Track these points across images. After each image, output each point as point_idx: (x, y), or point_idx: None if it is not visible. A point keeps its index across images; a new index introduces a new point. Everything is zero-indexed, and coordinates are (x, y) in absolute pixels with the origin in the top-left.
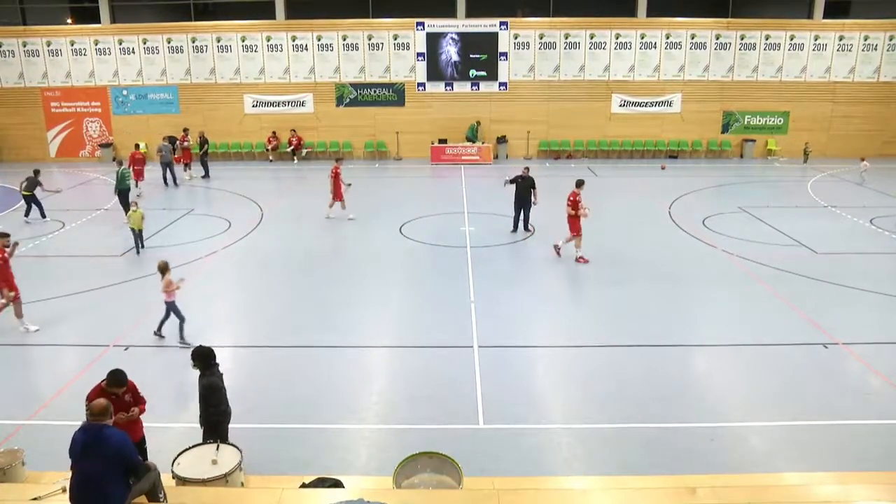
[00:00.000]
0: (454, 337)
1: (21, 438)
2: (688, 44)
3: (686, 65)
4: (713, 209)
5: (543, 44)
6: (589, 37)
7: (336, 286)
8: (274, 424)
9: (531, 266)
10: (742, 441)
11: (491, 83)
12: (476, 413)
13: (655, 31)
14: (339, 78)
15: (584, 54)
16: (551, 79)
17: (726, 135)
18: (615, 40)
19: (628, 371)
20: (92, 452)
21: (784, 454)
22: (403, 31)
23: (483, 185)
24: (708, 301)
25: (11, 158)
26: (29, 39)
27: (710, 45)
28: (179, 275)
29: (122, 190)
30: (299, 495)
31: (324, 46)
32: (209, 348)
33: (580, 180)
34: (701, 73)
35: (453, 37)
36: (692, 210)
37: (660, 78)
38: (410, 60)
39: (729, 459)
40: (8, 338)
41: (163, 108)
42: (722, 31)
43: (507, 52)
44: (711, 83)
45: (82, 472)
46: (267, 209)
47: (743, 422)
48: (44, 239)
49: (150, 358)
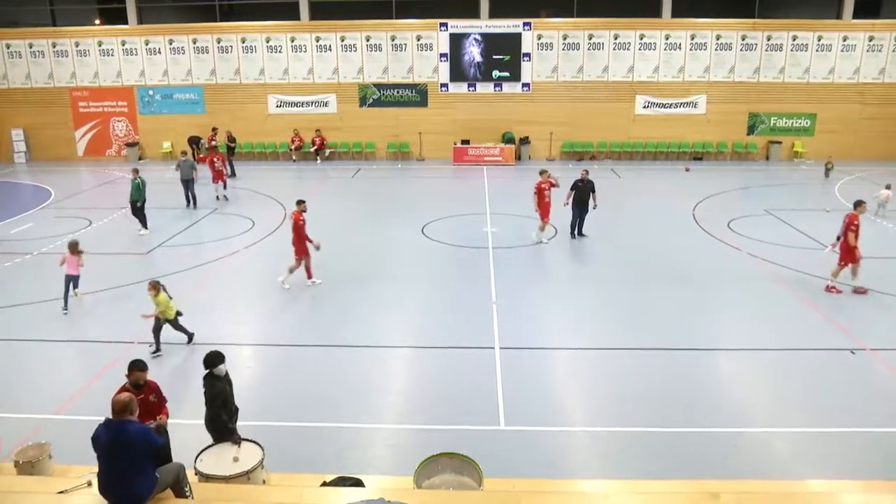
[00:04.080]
0: (476, 338)
1: (48, 432)
2: (713, 44)
3: (711, 66)
4: (738, 211)
5: (567, 44)
6: (613, 37)
7: (357, 286)
8: (295, 423)
9: (553, 267)
10: (765, 446)
11: (514, 84)
12: (497, 414)
13: (680, 32)
14: (362, 78)
15: (608, 55)
16: (575, 80)
17: (752, 136)
18: (639, 41)
19: (650, 374)
20: (116, 448)
21: (808, 461)
22: (427, 31)
23: (505, 186)
24: (732, 304)
25: (41, 157)
26: (58, 40)
27: (736, 46)
28: (205, 272)
29: (131, 201)
30: (320, 493)
31: (347, 47)
32: (215, 354)
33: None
34: (726, 74)
35: (476, 37)
36: (717, 212)
37: (684, 79)
38: (433, 61)
39: (752, 465)
40: (35, 334)
41: (188, 108)
42: (748, 31)
43: (531, 52)
44: (737, 84)
45: (109, 467)
46: (290, 209)
47: (766, 427)
48: (70, 237)
49: (174, 355)
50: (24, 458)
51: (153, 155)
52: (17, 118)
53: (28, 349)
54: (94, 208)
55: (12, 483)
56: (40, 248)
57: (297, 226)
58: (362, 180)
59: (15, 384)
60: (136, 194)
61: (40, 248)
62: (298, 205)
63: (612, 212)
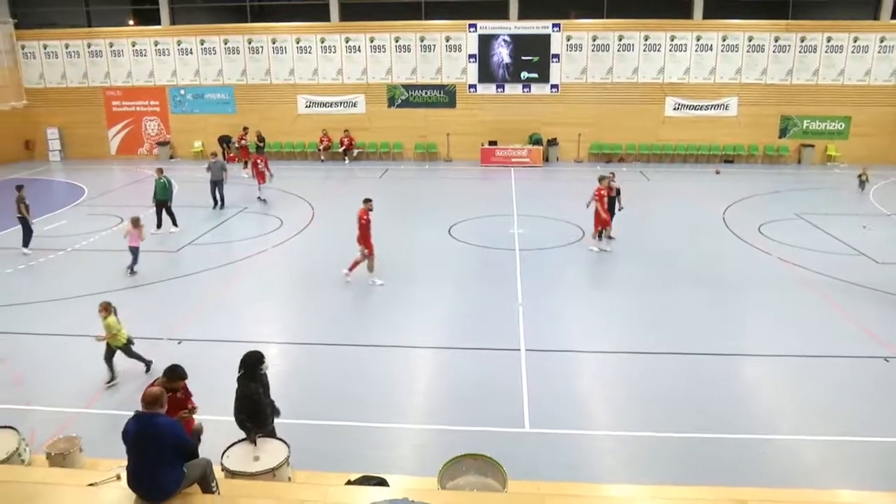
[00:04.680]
0: (501, 339)
1: (78, 426)
2: (745, 46)
3: (743, 67)
4: (769, 215)
5: (596, 45)
6: (643, 38)
7: (384, 286)
8: (321, 421)
9: (580, 270)
10: (793, 455)
11: (542, 85)
12: (522, 416)
13: (711, 33)
14: (391, 79)
15: (638, 56)
16: (604, 81)
17: (784, 139)
18: (670, 42)
19: (677, 378)
20: (145, 441)
21: (838, 470)
22: (455, 32)
23: (533, 187)
24: (762, 309)
25: (75, 155)
26: (93, 41)
27: (769, 48)
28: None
29: (160, 201)
30: (345, 492)
31: (376, 48)
32: (256, 354)
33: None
34: (758, 76)
35: (505, 38)
36: (747, 216)
37: (715, 81)
38: (462, 62)
39: (779, 473)
40: (66, 328)
41: (219, 107)
42: (781, 33)
43: (560, 53)
44: (769, 86)
45: (138, 460)
46: (318, 208)
47: (795, 435)
48: (103, 234)
49: (203, 351)
50: (56, 451)
51: (184, 154)
52: (52, 117)
53: (60, 343)
54: (126, 206)
55: (45, 475)
56: (73, 244)
57: (362, 224)
58: (390, 181)
59: (47, 378)
60: (163, 193)
61: (73, 244)
62: (365, 203)
63: (640, 215)
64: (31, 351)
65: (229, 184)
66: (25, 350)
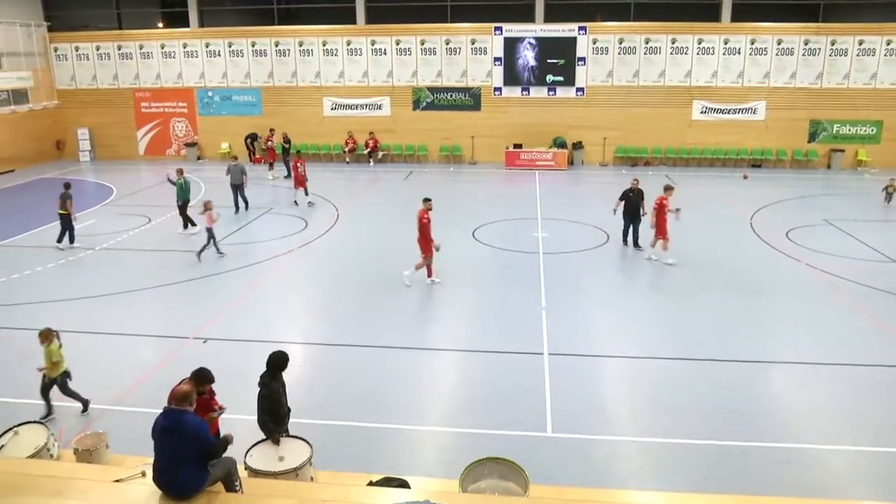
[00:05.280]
0: (524, 343)
1: (105, 423)
2: (774, 49)
3: (772, 71)
4: (797, 221)
5: (623, 49)
6: (670, 41)
7: (407, 288)
8: (343, 422)
9: (604, 274)
10: (820, 465)
11: (568, 88)
12: (544, 420)
13: (740, 37)
14: (416, 82)
15: (665, 59)
16: (630, 84)
17: (813, 144)
18: (697, 45)
19: (702, 385)
20: (171, 436)
21: (866, 481)
22: (481, 35)
23: (557, 191)
24: (789, 316)
25: (104, 156)
26: (123, 43)
27: (798, 51)
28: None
29: (184, 201)
30: (367, 493)
31: (402, 51)
32: (282, 355)
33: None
34: (787, 79)
35: (531, 41)
36: (775, 221)
37: (743, 84)
38: (487, 65)
39: (806, 483)
40: (94, 326)
41: (246, 109)
42: (811, 36)
43: (585, 57)
44: (798, 90)
45: (163, 455)
46: (342, 210)
47: (821, 444)
48: (130, 233)
49: (228, 351)
50: (83, 447)
51: (211, 155)
52: (83, 118)
53: (89, 341)
54: (154, 206)
55: (72, 470)
56: (102, 243)
57: (422, 224)
58: (414, 183)
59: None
60: (181, 194)
61: (102, 243)
62: (424, 203)
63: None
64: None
65: (256, 185)
66: None
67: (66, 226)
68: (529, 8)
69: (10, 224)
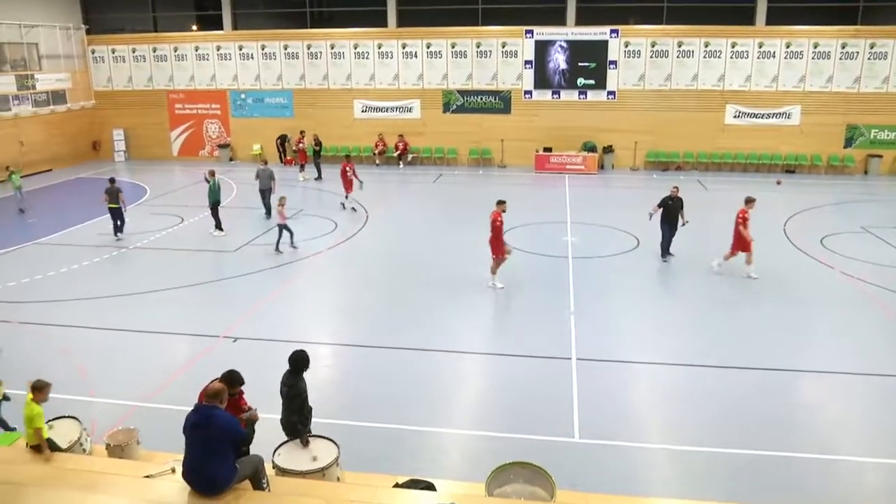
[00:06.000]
0: (552, 347)
1: (136, 419)
2: (810, 53)
3: (807, 75)
4: (832, 228)
5: (655, 52)
6: (703, 45)
7: (435, 290)
8: (369, 422)
9: (635, 280)
10: (857, 477)
11: (599, 92)
12: (572, 426)
13: (775, 40)
14: (446, 85)
15: (698, 63)
16: (662, 88)
17: (849, 149)
18: (731, 49)
19: (734, 393)
20: (201, 432)
21: None
22: (512, 38)
23: (587, 195)
24: (824, 325)
25: (138, 156)
26: (159, 45)
27: (835, 55)
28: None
29: (214, 202)
30: (393, 494)
31: (433, 54)
32: (305, 354)
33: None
34: (823, 83)
35: (562, 45)
36: (809, 228)
37: (778, 88)
38: (518, 68)
39: (842, 496)
40: (128, 324)
41: (277, 111)
42: (849, 39)
43: (617, 60)
44: (835, 94)
45: (193, 450)
46: (372, 212)
47: (859, 456)
48: (163, 233)
49: (257, 350)
50: (115, 442)
51: (244, 157)
52: (118, 119)
53: (122, 339)
54: (186, 206)
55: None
56: (136, 242)
57: (495, 226)
58: (443, 185)
59: (109, 371)
60: (212, 196)
61: (136, 242)
62: (498, 205)
63: (698, 225)
64: (95, 345)
65: (288, 187)
66: (90, 343)
67: (120, 217)
68: (561, 11)
69: (47, 222)
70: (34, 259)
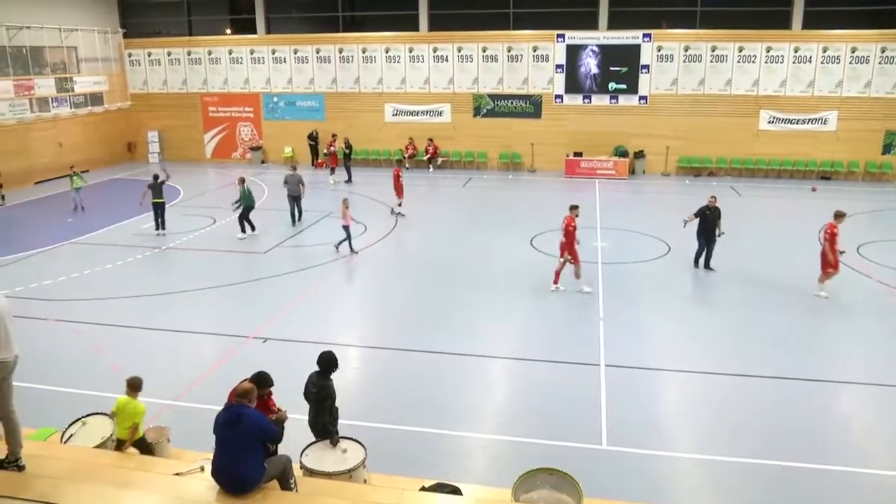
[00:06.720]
0: (580, 353)
1: (167, 418)
2: (847, 58)
3: (844, 80)
4: (869, 236)
5: (688, 56)
6: (737, 49)
7: (463, 294)
8: (397, 425)
9: (665, 286)
10: (888, 491)
11: (630, 96)
12: (599, 433)
13: (811, 45)
14: (477, 89)
15: (732, 68)
16: (695, 92)
17: (888, 156)
18: (766, 53)
19: (764, 403)
20: (230, 429)
21: None
22: (543, 43)
23: (618, 200)
24: (858, 335)
25: (172, 158)
26: (193, 49)
27: (874, 59)
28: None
29: (246, 207)
30: (419, 498)
31: (464, 58)
32: (334, 356)
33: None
34: (861, 88)
35: (593, 49)
36: (845, 236)
37: (814, 94)
38: (549, 72)
39: None
40: (160, 323)
41: (309, 114)
42: (889, 43)
43: (649, 64)
44: (873, 100)
45: (222, 448)
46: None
47: (890, 470)
48: (195, 234)
49: (287, 351)
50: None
51: (275, 159)
52: (153, 121)
53: (154, 338)
54: (218, 208)
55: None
56: (168, 243)
57: (568, 231)
58: (473, 189)
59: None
60: (244, 201)
61: (168, 243)
62: (571, 210)
63: (731, 232)
64: (128, 343)
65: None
66: (123, 342)
67: (163, 213)
68: (593, 15)
69: (83, 222)
70: (70, 258)
